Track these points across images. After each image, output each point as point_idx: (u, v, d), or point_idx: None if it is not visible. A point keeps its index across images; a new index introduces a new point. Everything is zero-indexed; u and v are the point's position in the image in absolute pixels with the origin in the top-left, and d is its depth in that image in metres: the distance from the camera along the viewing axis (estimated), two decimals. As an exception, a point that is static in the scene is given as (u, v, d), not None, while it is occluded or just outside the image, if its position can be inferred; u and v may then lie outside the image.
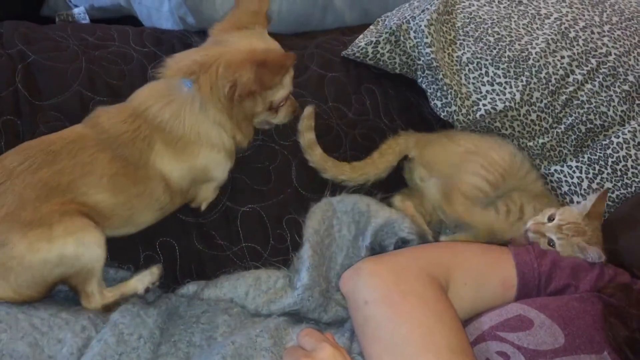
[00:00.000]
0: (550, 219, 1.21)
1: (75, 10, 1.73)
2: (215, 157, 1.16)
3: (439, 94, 1.38)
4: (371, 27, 1.50)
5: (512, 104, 1.37)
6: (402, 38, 1.41)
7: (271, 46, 1.16)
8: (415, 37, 1.39)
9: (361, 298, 1.00)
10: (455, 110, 1.36)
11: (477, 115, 1.36)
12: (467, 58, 1.40)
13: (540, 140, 1.40)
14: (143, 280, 1.14)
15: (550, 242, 1.18)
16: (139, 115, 1.11)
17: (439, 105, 1.38)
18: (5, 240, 0.99)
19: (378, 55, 1.43)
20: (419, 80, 1.43)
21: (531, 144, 1.41)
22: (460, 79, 1.39)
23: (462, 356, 0.90)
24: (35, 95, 1.24)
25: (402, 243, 1.23)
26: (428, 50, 1.36)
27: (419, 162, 1.34)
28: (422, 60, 1.38)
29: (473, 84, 1.39)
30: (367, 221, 1.24)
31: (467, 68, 1.39)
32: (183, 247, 1.22)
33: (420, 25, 1.38)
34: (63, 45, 1.33)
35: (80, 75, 1.28)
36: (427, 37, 1.36)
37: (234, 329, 1.10)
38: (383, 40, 1.42)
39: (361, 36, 1.48)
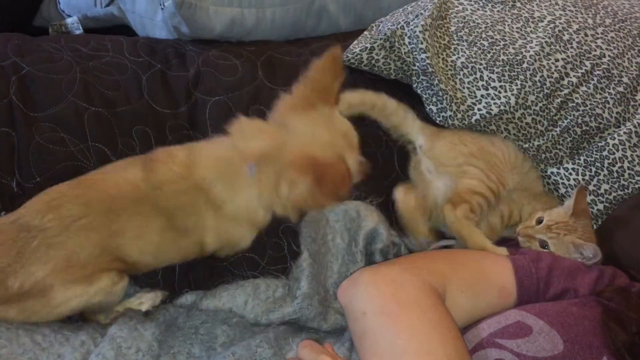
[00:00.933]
0: (539, 221, 1.22)
1: (69, 20, 1.72)
2: (250, 233, 1.17)
3: (434, 99, 1.38)
4: (365, 32, 1.50)
5: (507, 108, 1.37)
6: (396, 44, 1.41)
7: (337, 141, 1.11)
8: (409, 43, 1.39)
9: (359, 309, 1.00)
10: (450, 115, 1.36)
11: (473, 120, 1.36)
12: (462, 62, 1.39)
13: (536, 143, 1.40)
14: (147, 299, 1.16)
15: (543, 244, 1.19)
16: (201, 189, 1.09)
17: (435, 110, 1.38)
18: (46, 292, 1.00)
19: (373, 62, 1.43)
20: (414, 86, 1.43)
21: (527, 146, 1.40)
22: (455, 83, 1.39)
23: (461, 365, 0.90)
24: (30, 107, 1.23)
25: (388, 252, 1.25)
26: (423, 55, 1.36)
27: (428, 154, 1.34)
28: (417, 66, 1.38)
29: (468, 88, 1.39)
30: (357, 227, 1.24)
31: (461, 72, 1.39)
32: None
33: (415, 31, 1.37)
34: (57, 56, 1.33)
35: (75, 85, 1.28)
36: (421, 43, 1.36)
37: (233, 339, 1.10)
38: (378, 46, 1.42)
39: (355, 42, 1.48)
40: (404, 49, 1.40)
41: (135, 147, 1.26)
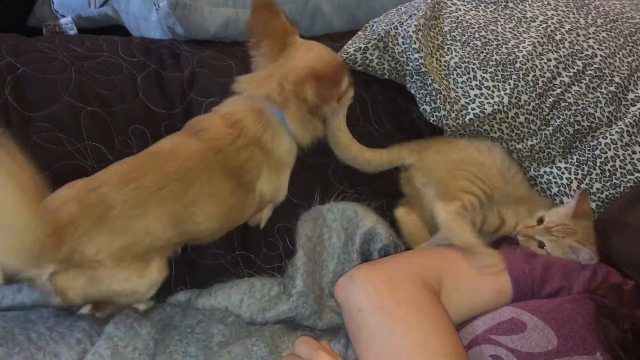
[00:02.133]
0: (540, 221, 1.22)
1: (63, 21, 1.72)
2: (287, 177, 1.23)
3: (427, 98, 1.39)
4: (359, 33, 1.51)
5: (501, 107, 1.38)
6: (390, 44, 1.41)
7: (320, 53, 1.22)
8: (403, 43, 1.40)
9: (355, 305, 1.01)
10: (444, 115, 1.36)
11: (466, 119, 1.37)
12: (455, 62, 1.40)
13: (529, 142, 1.41)
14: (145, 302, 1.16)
15: (541, 245, 1.20)
16: (254, 142, 1.15)
17: (428, 110, 1.39)
18: (117, 263, 1.01)
19: (367, 62, 1.44)
20: (408, 86, 1.43)
21: (520, 146, 1.42)
22: (449, 83, 1.40)
23: (456, 361, 0.91)
24: (26, 107, 1.23)
25: (385, 253, 1.24)
26: (416, 55, 1.36)
27: (418, 168, 1.35)
28: (411, 66, 1.39)
29: (462, 88, 1.39)
30: (355, 226, 1.25)
31: (455, 72, 1.40)
32: (178, 257, 1.22)
33: (408, 31, 1.38)
34: (52, 57, 1.33)
35: (70, 86, 1.28)
36: (415, 43, 1.37)
37: (229, 338, 1.10)
38: (372, 46, 1.43)
39: (349, 42, 1.49)
40: (398, 48, 1.41)
41: (132, 146, 1.26)
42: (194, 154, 1.10)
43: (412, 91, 1.43)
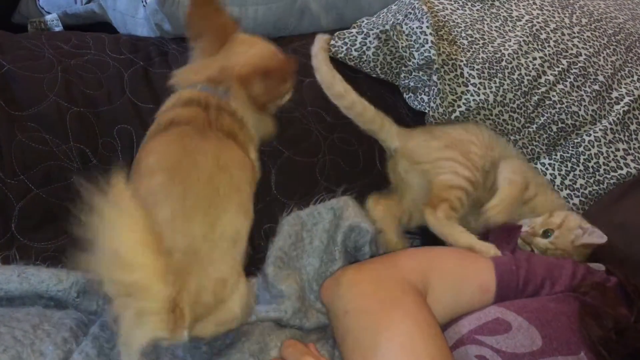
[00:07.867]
0: (546, 234, 1.21)
1: (48, 17, 1.70)
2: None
3: (426, 89, 1.40)
4: (358, 21, 1.54)
5: (486, 105, 1.39)
6: (394, 37, 1.42)
7: (264, 49, 1.17)
8: (407, 39, 1.40)
9: (341, 308, 1.01)
10: (433, 107, 1.38)
11: (452, 117, 1.39)
12: (443, 60, 1.41)
13: (512, 139, 1.43)
14: None
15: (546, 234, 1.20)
16: (220, 109, 1.10)
17: (425, 100, 1.41)
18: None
19: (364, 48, 1.44)
20: (404, 82, 1.45)
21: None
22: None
23: (442, 362, 0.92)
24: (11, 106, 1.22)
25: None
26: (432, 51, 1.38)
27: (402, 154, 1.35)
28: (413, 62, 1.41)
29: (449, 84, 1.40)
30: (335, 226, 1.23)
31: (442, 70, 1.41)
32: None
33: (421, 27, 1.39)
34: (38, 54, 1.31)
35: (57, 84, 1.26)
36: (431, 35, 1.39)
37: (217, 338, 1.10)
38: (373, 34, 1.42)
39: (353, 25, 1.52)
40: (402, 43, 1.41)
41: (117, 148, 1.25)
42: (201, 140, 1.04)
43: (405, 83, 1.44)
